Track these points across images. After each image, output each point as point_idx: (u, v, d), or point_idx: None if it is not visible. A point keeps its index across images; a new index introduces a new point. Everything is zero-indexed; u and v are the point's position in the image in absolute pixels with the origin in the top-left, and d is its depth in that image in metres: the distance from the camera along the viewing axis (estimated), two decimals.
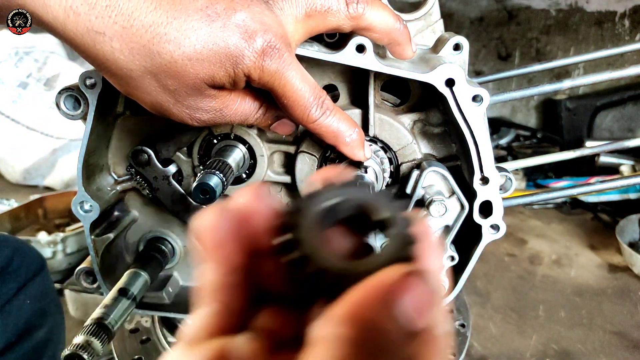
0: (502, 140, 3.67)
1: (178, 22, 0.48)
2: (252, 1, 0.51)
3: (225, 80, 0.51)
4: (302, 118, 0.55)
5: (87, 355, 0.59)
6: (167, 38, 0.47)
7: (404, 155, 0.69)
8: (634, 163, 3.05)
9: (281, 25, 0.52)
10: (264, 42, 0.50)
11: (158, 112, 0.55)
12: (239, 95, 0.55)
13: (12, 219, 2.56)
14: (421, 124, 0.70)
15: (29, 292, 1.10)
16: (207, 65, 0.49)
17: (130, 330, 0.99)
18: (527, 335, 2.01)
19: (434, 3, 0.67)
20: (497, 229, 0.65)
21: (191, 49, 0.48)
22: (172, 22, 0.47)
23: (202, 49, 0.48)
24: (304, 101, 0.54)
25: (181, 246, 0.76)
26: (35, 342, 1.09)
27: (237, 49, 0.49)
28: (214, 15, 0.48)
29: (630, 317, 2.12)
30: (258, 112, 0.57)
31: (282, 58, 0.51)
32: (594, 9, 3.46)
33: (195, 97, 0.52)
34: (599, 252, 2.65)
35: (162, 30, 0.47)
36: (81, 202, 0.66)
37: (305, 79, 0.53)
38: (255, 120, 0.58)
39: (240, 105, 0.55)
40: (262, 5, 0.51)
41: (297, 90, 0.52)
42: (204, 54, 0.49)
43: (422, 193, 0.66)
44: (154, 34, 0.47)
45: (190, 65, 0.49)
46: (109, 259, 0.73)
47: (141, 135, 0.70)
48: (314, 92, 0.54)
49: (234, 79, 0.51)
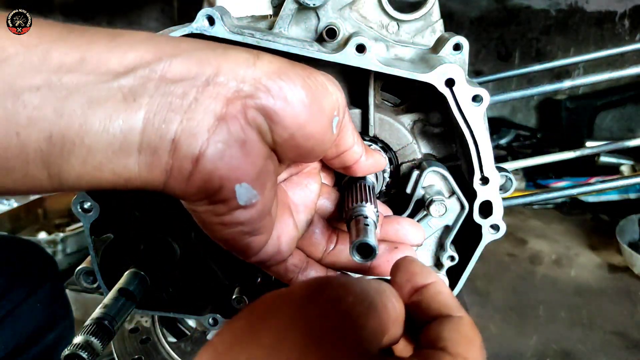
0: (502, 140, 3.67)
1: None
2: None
3: None
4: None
5: (87, 355, 0.59)
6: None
7: (404, 155, 0.69)
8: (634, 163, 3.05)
9: None
10: None
11: None
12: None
13: (12, 219, 2.56)
14: (421, 124, 0.70)
15: (39, 296, 1.11)
16: None
17: (130, 330, 0.99)
18: (527, 335, 2.01)
19: (434, 3, 0.67)
20: (497, 229, 0.65)
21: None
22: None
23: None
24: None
25: (181, 246, 0.76)
26: (45, 346, 1.09)
27: None
28: None
29: (630, 317, 2.12)
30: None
31: None
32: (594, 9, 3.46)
33: None
34: (599, 252, 2.65)
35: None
36: (81, 201, 0.66)
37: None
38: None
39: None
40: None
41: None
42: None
43: (422, 193, 0.66)
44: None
45: None
46: (109, 259, 0.73)
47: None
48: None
49: None
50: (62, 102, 0.39)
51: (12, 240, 1.21)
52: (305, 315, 0.33)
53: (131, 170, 0.42)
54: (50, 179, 0.41)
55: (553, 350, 1.94)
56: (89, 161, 0.40)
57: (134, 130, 0.40)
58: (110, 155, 0.41)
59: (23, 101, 0.38)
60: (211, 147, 0.42)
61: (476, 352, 0.36)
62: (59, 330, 1.15)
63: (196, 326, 1.02)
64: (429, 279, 0.42)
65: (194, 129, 0.41)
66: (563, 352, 1.93)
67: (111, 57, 0.41)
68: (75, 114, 0.39)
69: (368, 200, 0.55)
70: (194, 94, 0.42)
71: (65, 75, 0.39)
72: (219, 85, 0.42)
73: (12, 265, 1.08)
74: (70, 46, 0.40)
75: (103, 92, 0.40)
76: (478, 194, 0.63)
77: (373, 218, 0.53)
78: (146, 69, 0.41)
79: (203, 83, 0.42)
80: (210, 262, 0.77)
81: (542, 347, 1.95)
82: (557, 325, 2.08)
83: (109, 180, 0.42)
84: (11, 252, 1.12)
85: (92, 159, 0.40)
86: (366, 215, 0.53)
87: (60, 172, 0.41)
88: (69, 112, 0.39)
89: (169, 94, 0.41)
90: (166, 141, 0.41)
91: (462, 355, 0.35)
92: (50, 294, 1.14)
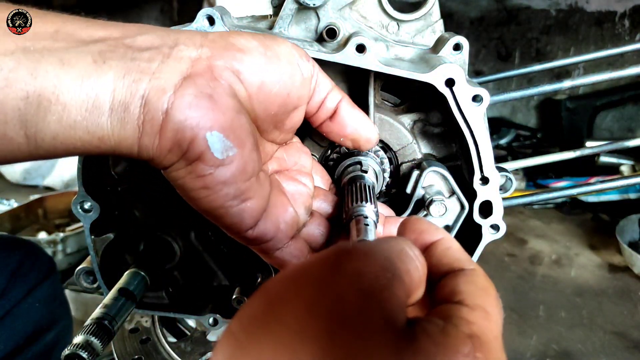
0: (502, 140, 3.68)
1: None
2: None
3: None
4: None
5: (87, 355, 0.59)
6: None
7: (404, 155, 0.69)
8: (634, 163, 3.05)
9: None
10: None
11: None
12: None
13: (12, 219, 2.56)
14: (421, 123, 0.70)
15: (38, 295, 1.11)
16: None
17: (130, 330, 0.99)
18: (527, 335, 2.01)
19: (434, 3, 0.66)
20: (497, 229, 0.65)
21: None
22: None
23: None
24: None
25: (181, 246, 0.76)
26: (44, 345, 1.09)
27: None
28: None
29: (630, 317, 2.12)
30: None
31: None
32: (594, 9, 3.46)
33: None
34: (599, 252, 2.65)
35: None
36: (81, 202, 0.66)
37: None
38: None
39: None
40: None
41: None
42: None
43: (422, 193, 0.66)
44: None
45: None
46: (109, 259, 0.73)
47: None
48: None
49: None
50: (35, 64, 0.42)
51: (12, 240, 1.21)
52: (327, 297, 0.32)
53: (104, 128, 0.44)
54: (27, 140, 0.43)
55: (553, 350, 1.94)
56: (64, 119, 0.43)
57: (105, 89, 0.43)
58: (84, 113, 0.43)
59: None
60: (179, 99, 0.44)
61: (493, 301, 0.37)
62: (57, 330, 1.15)
63: (196, 326, 1.02)
64: (437, 235, 0.43)
65: (162, 84, 0.44)
66: (563, 352, 1.93)
67: (82, 32, 0.45)
68: (49, 75, 0.42)
69: (368, 200, 0.55)
70: (160, 59, 0.45)
71: (39, 42, 0.43)
72: (181, 51, 0.46)
73: (11, 265, 1.08)
74: (45, 21, 0.44)
75: (73, 54, 0.43)
76: (478, 194, 0.63)
77: (373, 218, 0.53)
78: (114, 40, 0.45)
79: (167, 50, 0.46)
80: (210, 262, 0.77)
81: (542, 347, 1.95)
82: (557, 325, 2.08)
83: (83, 140, 0.44)
84: (10, 252, 1.12)
85: (67, 116, 0.43)
86: (366, 215, 0.53)
87: (36, 132, 0.43)
88: (42, 74, 0.42)
89: (137, 59, 0.44)
90: (136, 98, 0.44)
91: (480, 306, 0.35)
92: (49, 293, 1.14)
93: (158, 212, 0.74)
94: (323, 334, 0.30)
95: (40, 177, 3.33)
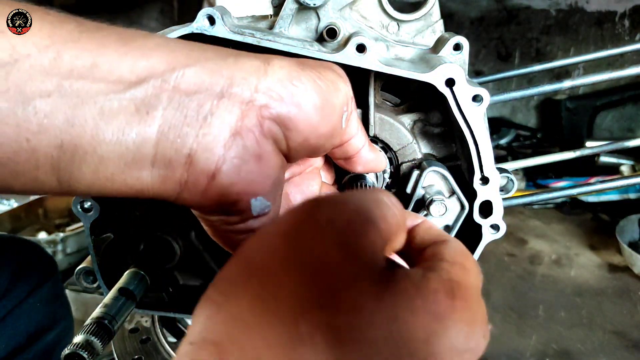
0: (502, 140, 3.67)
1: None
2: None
3: None
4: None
5: (87, 355, 0.59)
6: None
7: (404, 155, 0.69)
8: (634, 163, 3.05)
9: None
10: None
11: None
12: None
13: (12, 219, 2.56)
14: (421, 123, 0.70)
15: (40, 295, 1.11)
16: None
17: (130, 330, 0.99)
18: (527, 335, 2.01)
19: (434, 3, 0.67)
20: (497, 229, 0.65)
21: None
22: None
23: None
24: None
25: (181, 246, 0.76)
26: (45, 345, 1.09)
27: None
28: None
29: (630, 317, 2.12)
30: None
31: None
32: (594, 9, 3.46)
33: None
34: (599, 252, 2.65)
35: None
36: (81, 201, 0.66)
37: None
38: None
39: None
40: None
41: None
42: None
43: (422, 193, 0.66)
44: None
45: None
46: (109, 259, 0.73)
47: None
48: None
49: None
50: (73, 110, 0.38)
51: (12, 240, 1.21)
52: (300, 249, 0.32)
53: (144, 183, 0.42)
54: (59, 185, 0.41)
55: (553, 350, 1.94)
56: (101, 171, 0.40)
57: (147, 144, 0.40)
58: (122, 167, 0.40)
59: (34, 107, 0.37)
60: (228, 163, 0.42)
61: (472, 262, 0.37)
62: (58, 330, 1.15)
63: None
64: (419, 220, 0.43)
65: (210, 143, 0.41)
66: (563, 352, 1.94)
67: (122, 65, 0.40)
68: (87, 124, 0.38)
69: None
70: (208, 107, 0.41)
71: (77, 82, 0.39)
72: (233, 97, 0.42)
73: (12, 265, 1.08)
74: (82, 49, 0.40)
75: (115, 102, 0.39)
76: (478, 193, 0.63)
77: None
78: (158, 80, 0.40)
79: (217, 95, 0.42)
80: (211, 262, 0.77)
81: (542, 347, 1.95)
82: (557, 325, 2.08)
83: (120, 191, 0.42)
84: (11, 252, 1.12)
85: (104, 169, 0.40)
86: None
87: (70, 179, 0.40)
88: (80, 122, 0.38)
89: (184, 107, 0.41)
90: (181, 155, 0.41)
91: (460, 263, 0.36)
92: (50, 293, 1.14)
93: (158, 212, 0.74)
94: (298, 287, 0.30)
95: None
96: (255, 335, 0.29)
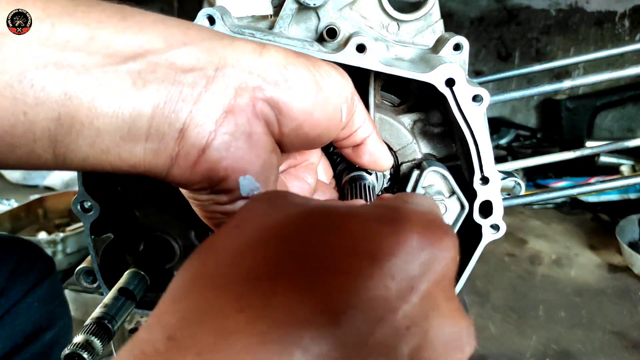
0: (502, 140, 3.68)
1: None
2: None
3: None
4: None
5: (87, 355, 0.59)
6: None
7: (404, 155, 0.69)
8: (634, 163, 3.06)
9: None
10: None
11: None
12: None
13: (12, 219, 2.56)
14: (421, 123, 0.70)
15: (37, 295, 1.10)
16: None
17: (130, 330, 0.99)
18: (527, 335, 2.01)
19: (434, 3, 0.66)
20: (497, 229, 0.65)
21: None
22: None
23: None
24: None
25: (181, 246, 0.76)
26: (43, 345, 1.09)
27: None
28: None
29: (630, 317, 2.12)
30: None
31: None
32: (594, 9, 3.46)
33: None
34: (599, 252, 2.65)
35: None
36: (81, 201, 0.66)
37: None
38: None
39: None
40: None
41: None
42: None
43: (422, 193, 0.66)
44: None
45: None
46: (109, 259, 0.73)
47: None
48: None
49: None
50: (69, 82, 0.38)
51: (11, 239, 1.21)
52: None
53: (137, 157, 0.42)
54: (55, 158, 0.41)
55: (553, 350, 1.94)
56: (97, 144, 0.40)
57: (142, 117, 0.40)
58: (118, 140, 0.41)
59: (30, 80, 0.37)
60: (218, 138, 0.42)
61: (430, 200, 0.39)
62: (57, 330, 1.15)
63: None
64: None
65: (203, 119, 0.42)
66: (563, 352, 1.94)
67: (120, 39, 0.40)
68: (84, 97, 0.39)
69: (368, 200, 0.55)
70: (203, 84, 0.42)
71: (72, 54, 0.38)
72: (227, 76, 0.43)
73: (9, 264, 1.08)
74: (77, 22, 0.39)
75: (111, 74, 0.39)
76: (478, 193, 0.63)
77: None
78: (155, 55, 0.41)
79: (212, 73, 0.42)
80: None
81: (542, 347, 1.95)
82: (557, 325, 2.08)
83: (113, 164, 0.42)
84: (9, 251, 1.12)
85: (100, 142, 0.40)
86: None
87: (66, 152, 0.40)
88: (77, 94, 0.38)
89: (179, 83, 0.41)
90: (174, 130, 0.41)
91: (413, 200, 0.37)
92: (48, 293, 1.14)
93: (158, 212, 0.74)
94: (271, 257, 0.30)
95: (40, 177, 3.33)
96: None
